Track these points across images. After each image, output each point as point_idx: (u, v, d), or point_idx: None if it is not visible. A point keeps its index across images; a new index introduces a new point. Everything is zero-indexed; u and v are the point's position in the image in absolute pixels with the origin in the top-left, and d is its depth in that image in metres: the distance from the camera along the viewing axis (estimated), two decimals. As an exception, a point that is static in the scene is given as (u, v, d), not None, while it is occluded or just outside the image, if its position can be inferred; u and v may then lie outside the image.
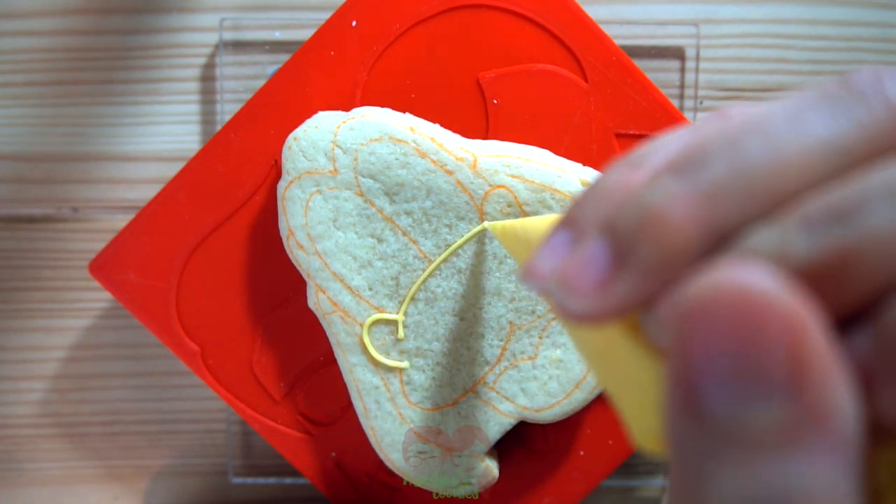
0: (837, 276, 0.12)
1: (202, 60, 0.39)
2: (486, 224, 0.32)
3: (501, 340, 0.33)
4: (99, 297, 0.40)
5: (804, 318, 0.11)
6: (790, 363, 0.11)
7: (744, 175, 0.13)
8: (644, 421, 0.14)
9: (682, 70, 0.38)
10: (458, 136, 0.33)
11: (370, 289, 0.33)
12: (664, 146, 0.15)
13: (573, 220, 0.15)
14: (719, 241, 0.13)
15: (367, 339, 0.33)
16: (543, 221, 0.22)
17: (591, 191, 0.15)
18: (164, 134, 0.39)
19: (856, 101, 0.13)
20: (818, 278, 0.12)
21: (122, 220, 0.39)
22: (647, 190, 0.14)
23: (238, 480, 0.40)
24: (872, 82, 0.13)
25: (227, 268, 0.35)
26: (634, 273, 0.14)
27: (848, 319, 0.13)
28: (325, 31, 0.33)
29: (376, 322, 0.33)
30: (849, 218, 0.12)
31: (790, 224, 0.13)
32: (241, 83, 0.38)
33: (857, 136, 0.13)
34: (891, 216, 0.12)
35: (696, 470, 0.12)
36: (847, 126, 0.13)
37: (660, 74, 0.38)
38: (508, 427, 0.34)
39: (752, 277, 0.12)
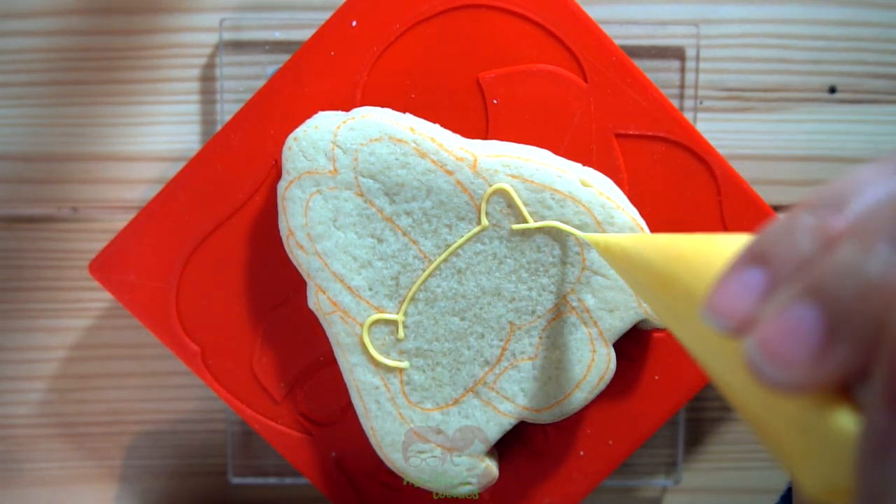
0: None
1: (202, 60, 0.39)
2: (585, 236, 0.31)
3: (501, 340, 0.33)
4: (99, 297, 0.40)
5: None
6: None
7: None
8: (822, 470, 0.14)
9: (682, 70, 0.38)
10: (458, 136, 0.33)
11: (370, 289, 0.33)
12: (864, 191, 0.15)
13: (765, 258, 0.15)
14: None
15: (367, 339, 0.33)
16: (672, 244, 0.21)
17: (785, 227, 0.15)
18: (164, 134, 0.39)
19: None
20: None
21: (122, 220, 0.39)
22: (865, 259, 0.13)
23: (238, 480, 0.40)
24: None
25: (227, 268, 0.35)
26: (850, 346, 0.13)
27: None
28: (325, 31, 0.33)
29: (376, 322, 0.33)
30: None
31: None
32: (241, 83, 0.38)
33: None
34: None
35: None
36: None
37: (660, 74, 0.38)
38: (508, 427, 0.34)
39: None
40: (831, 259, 0.14)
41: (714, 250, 0.18)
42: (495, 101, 0.34)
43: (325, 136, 0.32)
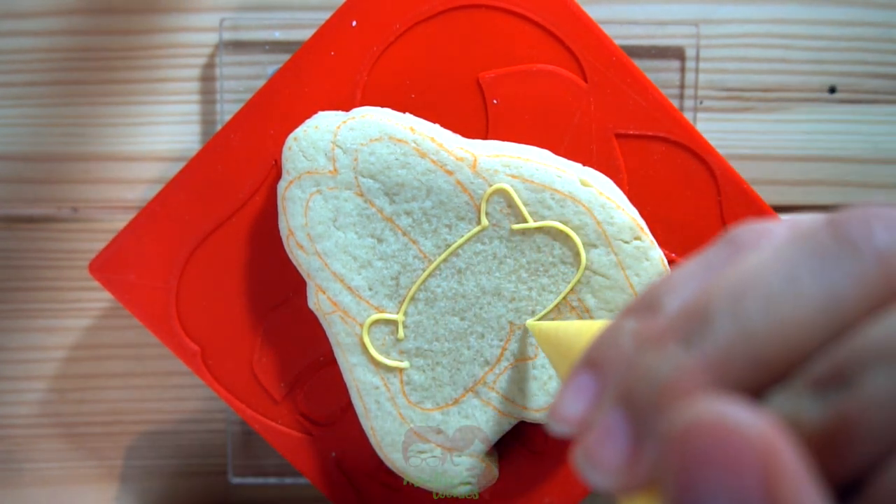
0: (837, 441, 0.13)
1: (202, 60, 0.39)
2: (527, 323, 0.32)
3: (501, 340, 0.33)
4: (99, 297, 0.40)
5: (778, 448, 0.12)
6: (764, 490, 0.12)
7: (747, 341, 0.14)
8: None
9: (682, 70, 0.38)
10: (458, 136, 0.33)
11: (370, 289, 0.33)
12: (675, 291, 0.15)
13: (595, 363, 0.16)
14: None
15: (367, 339, 0.33)
16: (579, 329, 0.22)
17: (611, 332, 0.16)
18: (164, 134, 0.39)
19: (847, 255, 0.14)
20: (823, 443, 0.13)
21: (122, 220, 0.39)
22: (657, 362, 0.14)
23: (238, 480, 0.40)
24: (862, 231, 0.14)
25: (227, 268, 0.35)
26: (654, 447, 0.14)
27: (851, 486, 0.13)
28: (325, 31, 0.33)
29: (376, 322, 0.33)
30: (847, 383, 0.13)
31: (799, 388, 0.13)
32: (241, 83, 0.38)
33: (852, 292, 0.13)
34: (885, 381, 0.12)
35: None
36: (841, 283, 0.13)
37: (660, 74, 0.38)
38: (508, 427, 0.34)
39: (730, 410, 0.12)
40: (637, 363, 0.15)
41: (586, 341, 0.19)
42: (495, 101, 0.34)
43: (325, 136, 0.32)
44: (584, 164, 0.33)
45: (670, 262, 0.34)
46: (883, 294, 0.13)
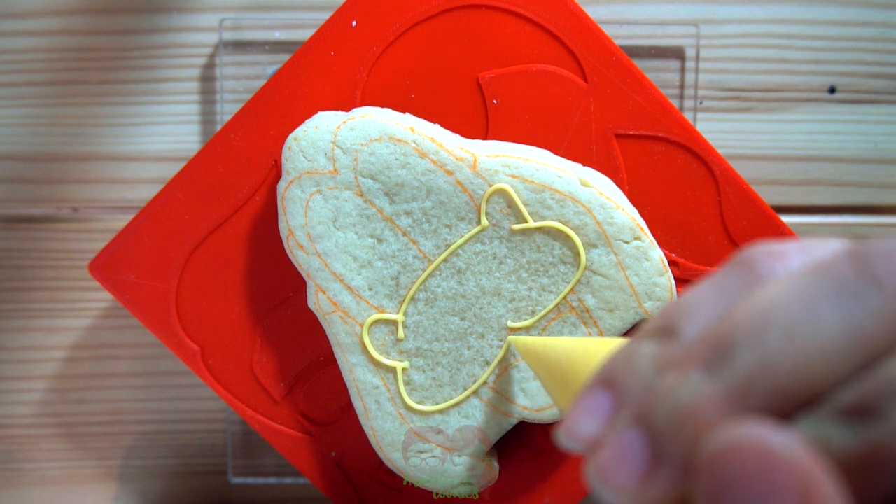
0: (870, 470, 0.13)
1: (202, 60, 0.39)
2: (509, 338, 0.32)
3: (501, 340, 0.33)
4: (99, 297, 0.40)
5: (815, 471, 0.12)
6: None
7: (769, 373, 0.14)
8: None
9: (682, 70, 0.38)
10: (458, 136, 0.33)
11: (370, 289, 0.33)
12: (694, 315, 0.16)
13: (611, 382, 0.16)
14: None
15: (367, 340, 0.33)
16: (572, 347, 0.22)
17: (628, 354, 0.16)
18: (164, 134, 0.39)
19: (870, 290, 0.14)
20: (854, 470, 0.13)
21: (122, 220, 0.39)
22: (679, 388, 0.14)
23: (238, 480, 0.40)
24: (886, 267, 0.14)
25: (227, 268, 0.35)
26: (671, 470, 0.14)
27: None
28: (325, 31, 0.33)
29: (376, 322, 0.33)
30: (877, 414, 0.13)
31: (825, 416, 0.13)
32: (241, 83, 0.38)
33: (875, 327, 0.14)
34: None
35: None
36: (864, 318, 0.14)
37: (660, 74, 0.38)
38: (508, 427, 0.34)
39: (769, 434, 0.13)
40: (657, 387, 0.15)
41: (584, 361, 0.19)
42: (495, 101, 0.34)
43: (325, 136, 0.32)
44: (584, 164, 0.33)
45: (670, 262, 0.34)
46: None
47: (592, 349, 0.20)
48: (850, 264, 0.14)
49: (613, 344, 0.18)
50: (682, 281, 0.34)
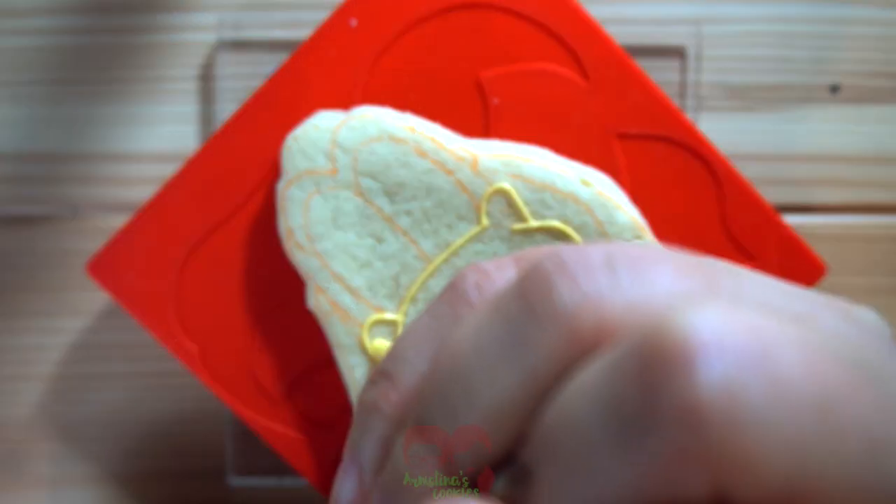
0: None
1: (202, 60, 0.39)
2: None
3: (501, 341, 0.33)
4: (99, 297, 0.40)
5: None
6: None
7: (462, 438, 0.14)
8: None
9: (684, 69, 0.38)
10: (458, 136, 0.33)
11: (370, 289, 0.33)
12: (409, 359, 0.16)
13: (353, 446, 0.16)
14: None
15: (367, 340, 0.33)
16: None
17: (360, 409, 0.16)
18: (164, 134, 0.39)
19: (532, 324, 0.13)
20: None
21: (121, 220, 0.39)
22: (403, 458, 0.15)
23: (237, 481, 0.40)
24: (540, 294, 0.13)
25: (226, 268, 0.35)
26: None
27: None
28: (325, 31, 0.33)
29: (376, 322, 0.33)
30: (529, 478, 0.13)
31: (509, 473, 0.14)
32: (241, 83, 0.38)
33: (541, 367, 0.13)
34: (549, 481, 0.13)
35: None
36: (529, 359, 0.13)
37: (661, 73, 0.38)
38: (509, 428, 0.33)
39: None
40: (391, 454, 0.15)
41: None
42: (495, 101, 0.33)
43: (325, 136, 0.32)
44: (584, 164, 0.33)
45: (671, 262, 0.34)
46: (569, 360, 0.13)
47: None
48: (514, 298, 0.13)
49: None
50: (683, 281, 0.34)
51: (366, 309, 0.33)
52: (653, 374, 0.11)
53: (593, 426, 0.12)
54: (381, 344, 0.33)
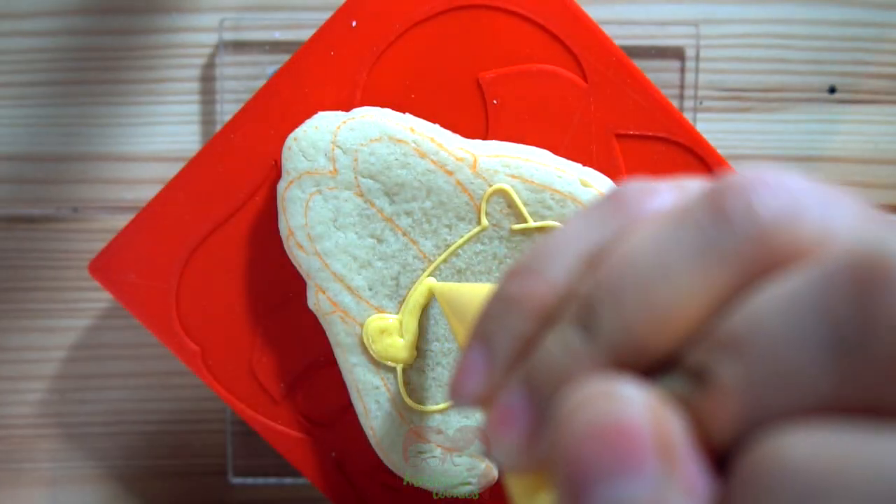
0: (709, 424, 0.13)
1: (202, 60, 0.39)
2: (429, 284, 0.32)
3: (501, 340, 0.33)
4: (99, 297, 0.40)
5: (665, 421, 0.13)
6: (659, 457, 0.12)
7: (630, 334, 0.14)
8: None
9: (682, 70, 0.38)
10: (458, 136, 0.33)
11: (370, 289, 0.33)
12: (560, 255, 0.15)
13: (485, 336, 0.16)
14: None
15: (367, 340, 0.33)
16: (477, 294, 0.22)
17: (497, 300, 0.16)
18: (164, 134, 0.39)
19: (722, 232, 0.13)
20: (697, 424, 0.13)
21: (122, 220, 0.39)
22: (553, 347, 0.14)
23: (238, 480, 0.40)
24: (738, 204, 0.13)
25: (227, 268, 0.35)
26: (549, 431, 0.14)
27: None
28: (325, 31, 0.33)
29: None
30: (709, 373, 0.13)
31: (678, 373, 0.14)
32: (241, 83, 0.38)
33: (723, 275, 0.13)
34: (731, 375, 0.13)
35: None
36: (713, 267, 0.13)
37: (660, 74, 0.38)
38: (508, 427, 0.34)
39: (617, 387, 0.13)
40: (539, 346, 0.15)
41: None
42: (495, 101, 0.34)
43: (325, 137, 0.32)
44: (584, 164, 0.33)
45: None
46: (754, 270, 0.13)
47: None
48: (704, 205, 0.14)
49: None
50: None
51: (366, 309, 0.33)
52: (869, 289, 0.12)
53: (797, 333, 0.12)
54: (387, 344, 0.33)
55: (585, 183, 0.32)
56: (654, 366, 0.14)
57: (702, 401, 0.13)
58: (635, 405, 0.13)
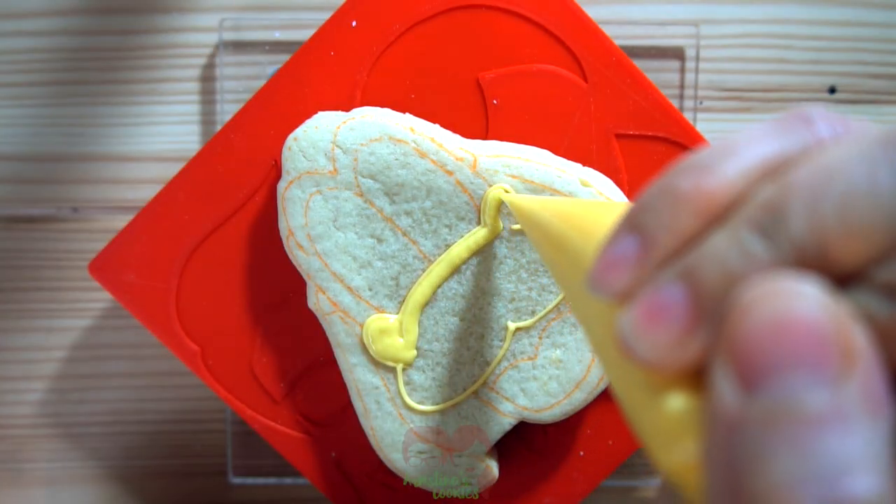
0: None
1: (202, 60, 0.39)
2: (503, 196, 0.31)
3: (501, 341, 0.33)
4: (99, 297, 0.40)
5: (850, 326, 0.12)
6: (840, 356, 0.12)
7: (822, 241, 0.13)
8: (674, 447, 0.14)
9: (682, 70, 0.38)
10: (458, 136, 0.33)
11: (370, 289, 0.33)
12: (740, 155, 0.15)
13: (641, 226, 0.15)
14: None
15: (367, 340, 0.33)
16: (572, 207, 0.21)
17: (661, 192, 0.15)
18: (164, 134, 0.39)
19: None
20: (887, 341, 0.13)
21: (122, 220, 0.39)
22: (730, 249, 0.14)
23: (238, 480, 0.40)
24: None
25: (227, 268, 0.35)
26: (713, 328, 0.14)
27: None
28: (325, 31, 0.33)
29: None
30: None
31: (869, 288, 0.13)
32: (241, 83, 0.38)
33: None
34: None
35: (749, 456, 0.12)
36: None
37: (659, 75, 0.38)
38: (508, 427, 0.34)
39: (804, 286, 0.13)
40: (703, 243, 0.14)
41: (604, 214, 0.18)
42: (495, 101, 0.34)
43: (325, 137, 0.32)
44: (584, 164, 0.33)
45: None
46: None
47: (611, 211, 0.19)
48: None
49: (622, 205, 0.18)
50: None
51: (366, 309, 0.33)
52: None
53: None
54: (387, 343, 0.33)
55: (585, 183, 0.32)
56: (836, 279, 0.13)
57: (893, 320, 0.13)
58: (822, 305, 0.12)
